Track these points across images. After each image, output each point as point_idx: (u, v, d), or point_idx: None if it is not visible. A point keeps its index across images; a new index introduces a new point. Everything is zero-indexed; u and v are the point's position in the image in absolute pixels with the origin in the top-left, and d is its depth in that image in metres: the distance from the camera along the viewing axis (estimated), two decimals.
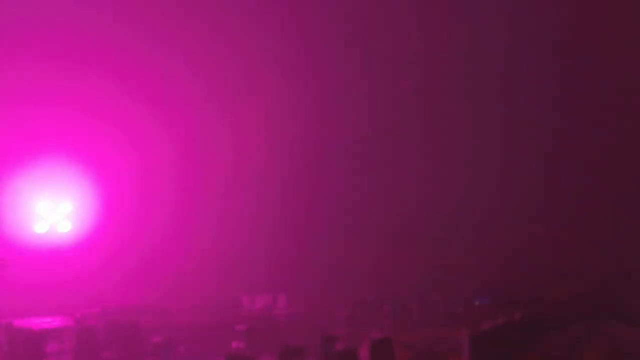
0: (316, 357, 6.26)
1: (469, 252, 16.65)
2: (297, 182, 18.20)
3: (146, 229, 16.53)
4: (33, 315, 11.29)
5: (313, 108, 18.52)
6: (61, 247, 15.40)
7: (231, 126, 17.90)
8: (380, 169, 18.62)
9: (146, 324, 10.47)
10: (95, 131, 16.19)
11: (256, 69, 17.78)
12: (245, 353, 6.33)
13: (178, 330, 10.90)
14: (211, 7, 17.20)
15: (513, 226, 16.70)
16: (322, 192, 18.47)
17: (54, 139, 15.65)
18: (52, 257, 15.11)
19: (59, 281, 14.19)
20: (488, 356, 6.87)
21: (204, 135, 17.85)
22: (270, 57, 17.77)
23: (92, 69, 15.83)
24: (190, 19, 17.26)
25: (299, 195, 18.23)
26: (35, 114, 15.08)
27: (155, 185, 17.21)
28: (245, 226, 17.52)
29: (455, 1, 17.93)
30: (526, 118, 17.44)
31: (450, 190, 17.92)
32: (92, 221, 16.11)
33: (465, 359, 6.94)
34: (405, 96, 18.53)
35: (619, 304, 12.85)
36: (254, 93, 18.07)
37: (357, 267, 17.06)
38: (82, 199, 15.93)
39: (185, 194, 17.60)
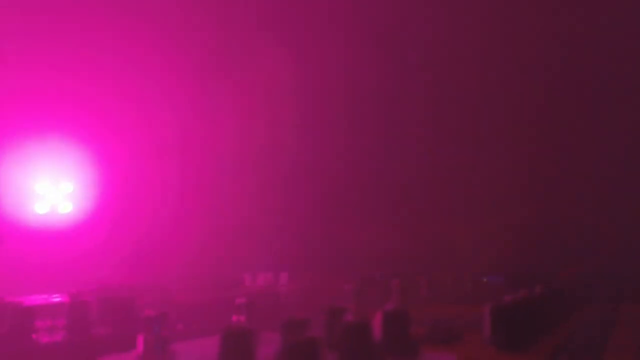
0: (322, 330, 5.74)
1: (478, 228, 16.28)
2: (300, 158, 17.92)
3: (148, 208, 16.43)
4: (32, 292, 11.09)
5: (316, 89, 18.13)
6: (62, 226, 15.24)
7: (233, 107, 17.71)
8: (387, 143, 18.20)
9: (143, 301, 10.20)
10: (98, 111, 16.05)
11: (259, 53, 17.44)
12: (246, 326, 5.81)
13: (177, 307, 10.66)
14: None
15: (525, 202, 16.28)
16: (326, 169, 18.11)
17: (55, 118, 15.47)
18: (53, 236, 15.00)
19: (59, 260, 14.12)
20: (510, 330, 6.36)
21: (206, 115, 17.67)
22: (271, 41, 17.39)
23: (95, 46, 15.57)
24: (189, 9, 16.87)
25: (303, 172, 17.95)
26: (36, 94, 14.88)
27: (156, 165, 17.06)
28: (247, 204, 17.34)
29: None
30: (542, 94, 16.91)
31: (458, 165, 17.51)
32: (93, 201, 16.00)
33: (487, 334, 6.49)
34: (415, 74, 18.01)
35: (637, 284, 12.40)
36: (256, 76, 17.77)
37: (363, 245, 16.80)
38: (83, 179, 15.83)
39: (187, 173, 17.50)
